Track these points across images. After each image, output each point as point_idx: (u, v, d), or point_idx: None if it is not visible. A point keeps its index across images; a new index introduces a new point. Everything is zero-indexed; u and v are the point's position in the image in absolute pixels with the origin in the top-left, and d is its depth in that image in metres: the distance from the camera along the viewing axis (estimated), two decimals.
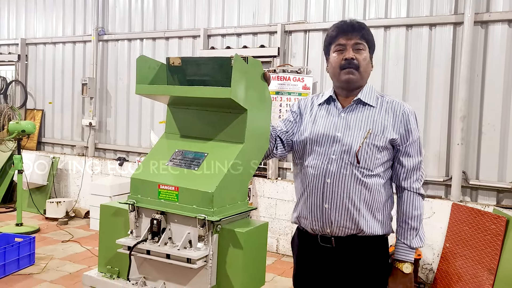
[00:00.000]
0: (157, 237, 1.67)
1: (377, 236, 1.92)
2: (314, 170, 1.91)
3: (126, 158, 6.56)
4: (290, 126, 2.07)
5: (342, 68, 1.90)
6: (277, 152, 2.04)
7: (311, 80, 5.08)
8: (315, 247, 1.95)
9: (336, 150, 1.89)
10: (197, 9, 5.99)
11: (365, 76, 1.95)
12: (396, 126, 1.90)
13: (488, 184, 4.33)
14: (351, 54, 1.89)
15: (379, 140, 1.87)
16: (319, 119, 1.98)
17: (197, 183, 1.65)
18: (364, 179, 1.87)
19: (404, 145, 1.91)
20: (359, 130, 1.89)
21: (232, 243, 1.63)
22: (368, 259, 1.91)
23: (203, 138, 1.82)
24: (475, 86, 4.38)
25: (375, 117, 1.91)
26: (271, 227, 5.25)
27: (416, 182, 1.94)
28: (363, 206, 1.87)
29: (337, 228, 1.89)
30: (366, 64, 1.93)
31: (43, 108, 7.38)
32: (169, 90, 1.77)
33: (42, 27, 7.38)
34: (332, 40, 1.95)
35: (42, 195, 6.67)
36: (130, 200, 1.74)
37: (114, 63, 6.71)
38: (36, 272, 4.35)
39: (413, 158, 1.92)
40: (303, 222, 1.98)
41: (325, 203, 1.89)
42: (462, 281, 3.97)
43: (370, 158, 1.87)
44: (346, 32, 1.91)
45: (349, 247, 1.90)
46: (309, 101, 2.10)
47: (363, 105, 1.95)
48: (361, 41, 1.91)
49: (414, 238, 1.91)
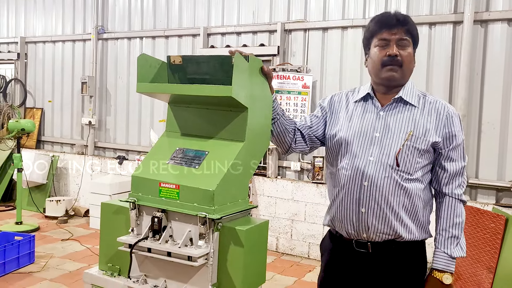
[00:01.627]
0: (158, 235, 1.68)
1: (415, 242, 1.83)
2: (351, 171, 1.80)
3: (126, 156, 6.56)
4: (315, 121, 1.97)
5: (384, 65, 1.79)
6: (296, 146, 1.96)
7: (311, 79, 5.08)
8: (349, 252, 1.85)
9: (374, 152, 1.78)
10: (197, 8, 5.98)
11: (408, 73, 1.83)
12: (439, 128, 1.79)
13: (488, 183, 4.33)
14: (395, 50, 1.76)
15: (421, 143, 1.77)
16: (355, 117, 1.87)
17: (198, 181, 1.65)
18: (403, 183, 1.76)
19: (447, 149, 1.80)
20: (399, 131, 1.79)
21: (233, 241, 1.63)
22: (405, 265, 1.82)
23: (204, 137, 1.82)
24: (475, 85, 4.39)
25: (417, 118, 1.80)
26: (271, 226, 5.25)
27: (458, 188, 1.83)
28: (402, 211, 1.77)
29: (374, 234, 1.79)
30: (410, 61, 1.81)
31: (43, 106, 7.37)
32: (170, 88, 1.78)
33: (41, 25, 7.37)
34: (374, 34, 1.81)
35: (41, 193, 6.67)
36: (131, 198, 1.75)
37: (113, 62, 6.71)
38: (36, 270, 4.35)
39: (456, 163, 1.81)
40: (338, 226, 1.88)
41: (362, 207, 1.79)
42: (461, 279, 3.98)
43: (410, 161, 1.76)
44: (391, 26, 1.77)
45: (386, 252, 1.81)
46: (343, 96, 1.97)
47: (404, 104, 1.83)
48: (406, 37, 1.78)
49: (455, 247, 1.80)
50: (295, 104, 5.10)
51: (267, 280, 4.53)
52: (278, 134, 1.94)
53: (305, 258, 5.07)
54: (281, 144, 1.98)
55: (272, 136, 1.94)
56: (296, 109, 5.10)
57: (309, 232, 5.07)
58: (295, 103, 5.10)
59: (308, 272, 4.67)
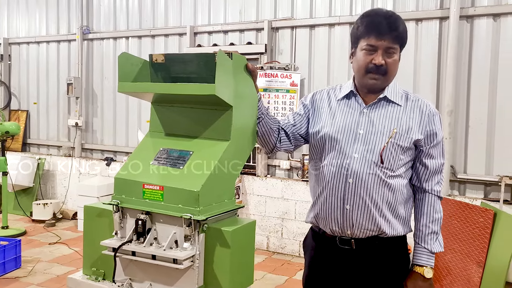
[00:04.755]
0: (143, 237, 1.64)
1: (398, 237, 1.86)
2: (335, 168, 1.80)
3: (114, 158, 6.48)
4: (298, 119, 1.96)
5: (368, 72, 1.79)
6: (281, 145, 1.95)
7: (299, 77, 5.06)
8: (333, 249, 1.87)
9: (359, 149, 1.79)
10: (183, 7, 5.93)
11: (391, 78, 1.84)
12: (422, 126, 1.81)
13: (476, 178, 4.35)
14: (381, 59, 1.75)
15: (404, 140, 1.79)
16: (338, 114, 1.87)
17: (182, 182, 1.62)
18: (387, 180, 1.78)
19: (428, 146, 1.83)
20: (383, 128, 1.80)
21: (219, 242, 1.60)
22: (389, 260, 1.85)
23: (188, 136, 1.79)
24: (462, 81, 4.40)
25: (400, 116, 1.82)
26: (261, 225, 5.23)
27: (437, 185, 1.87)
28: (385, 207, 1.80)
29: (358, 230, 1.81)
30: (395, 68, 1.81)
31: (28, 108, 7.26)
32: (153, 87, 1.74)
33: (25, 26, 7.26)
34: (362, 36, 1.78)
35: (28, 197, 6.56)
36: (114, 201, 1.71)
37: (99, 62, 6.63)
38: (23, 275, 4.27)
39: (436, 160, 1.85)
40: (322, 223, 1.88)
41: (347, 204, 1.79)
42: (451, 274, 3.99)
43: (394, 158, 1.78)
44: (381, 32, 1.74)
45: (369, 248, 1.83)
46: (325, 94, 1.96)
47: (387, 102, 1.84)
48: (395, 45, 1.77)
49: (434, 242, 1.84)
50: (283, 102, 5.07)
51: (258, 279, 4.49)
52: (263, 133, 1.92)
53: (296, 256, 5.06)
54: (266, 144, 1.96)
55: (257, 136, 1.92)
56: (284, 107, 5.08)
57: (300, 231, 5.05)
58: (283, 101, 5.07)
59: (299, 270, 4.65)
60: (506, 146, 4.24)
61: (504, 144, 4.25)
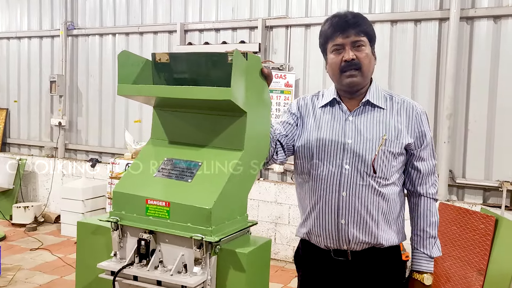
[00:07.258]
0: (146, 260, 1.45)
1: (393, 246, 1.82)
2: (327, 182, 1.74)
3: (99, 159, 6.25)
4: (289, 129, 1.87)
5: (342, 71, 1.73)
6: (277, 157, 1.84)
7: (294, 77, 4.91)
8: (327, 260, 1.81)
9: (349, 160, 1.72)
10: (173, 3, 5.71)
11: (369, 74, 1.77)
12: (411, 129, 1.76)
13: (475, 183, 4.27)
14: (351, 54, 1.70)
15: (395, 146, 1.73)
16: (324, 124, 1.80)
17: (191, 198, 1.44)
18: (380, 189, 1.73)
19: (419, 149, 1.79)
20: (371, 136, 1.73)
21: (232, 265, 1.43)
22: (384, 269, 1.81)
23: (196, 145, 1.60)
24: (461, 83, 4.31)
25: (387, 121, 1.76)
26: (254, 230, 5.05)
27: (431, 187, 1.83)
28: (381, 218, 1.75)
29: (354, 244, 1.75)
30: (369, 61, 1.75)
31: (8, 107, 6.96)
32: (158, 90, 1.55)
33: (5, 20, 6.94)
34: (328, 39, 1.76)
35: (8, 199, 6.29)
36: (112, 217, 1.51)
37: (84, 60, 6.37)
38: (3, 285, 4.03)
39: (427, 162, 1.81)
40: (315, 240, 1.82)
41: (342, 219, 1.73)
42: (451, 281, 3.90)
43: (386, 166, 1.72)
44: (343, 29, 1.71)
45: (365, 259, 1.78)
46: (308, 101, 1.90)
47: (372, 107, 1.78)
48: (360, 37, 1.72)
49: (433, 247, 1.81)
50: (277, 104, 4.92)
51: None
52: None
53: (290, 262, 4.91)
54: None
55: None
56: (278, 108, 4.93)
57: (294, 236, 4.90)
58: (277, 102, 4.92)
59: (294, 277, 4.50)
60: (505, 150, 4.17)
61: (504, 149, 4.18)
